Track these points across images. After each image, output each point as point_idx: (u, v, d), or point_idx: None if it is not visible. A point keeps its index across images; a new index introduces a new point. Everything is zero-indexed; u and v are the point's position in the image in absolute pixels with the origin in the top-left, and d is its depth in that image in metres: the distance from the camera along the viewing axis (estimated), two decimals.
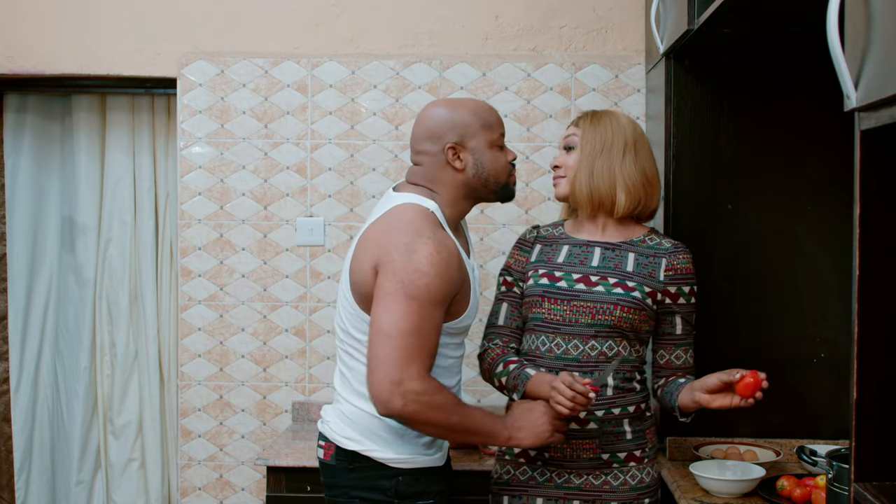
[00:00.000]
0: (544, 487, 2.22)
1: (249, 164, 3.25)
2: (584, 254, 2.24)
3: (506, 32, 3.23)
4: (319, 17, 3.25)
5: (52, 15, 3.27)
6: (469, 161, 2.12)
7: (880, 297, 1.45)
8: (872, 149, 1.44)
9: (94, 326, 3.53)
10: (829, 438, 2.66)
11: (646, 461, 2.23)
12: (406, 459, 2.09)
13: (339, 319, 2.15)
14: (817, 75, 2.52)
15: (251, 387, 3.28)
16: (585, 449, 2.18)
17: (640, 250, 2.23)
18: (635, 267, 2.20)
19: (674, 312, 2.23)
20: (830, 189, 2.67)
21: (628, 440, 2.20)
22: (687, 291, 2.23)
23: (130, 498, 3.51)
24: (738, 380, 2.04)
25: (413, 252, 1.96)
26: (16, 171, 3.49)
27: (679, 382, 2.23)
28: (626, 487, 2.20)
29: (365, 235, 2.09)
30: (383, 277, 1.97)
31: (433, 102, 2.22)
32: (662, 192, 2.74)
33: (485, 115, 2.15)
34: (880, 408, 1.45)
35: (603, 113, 2.27)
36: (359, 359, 2.09)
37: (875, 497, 1.40)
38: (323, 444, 2.15)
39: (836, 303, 2.67)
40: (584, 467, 2.19)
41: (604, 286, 2.17)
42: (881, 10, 1.32)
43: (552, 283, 2.21)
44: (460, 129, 2.11)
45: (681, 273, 2.22)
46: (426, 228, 2.01)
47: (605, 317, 2.15)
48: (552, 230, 2.33)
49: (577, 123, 2.28)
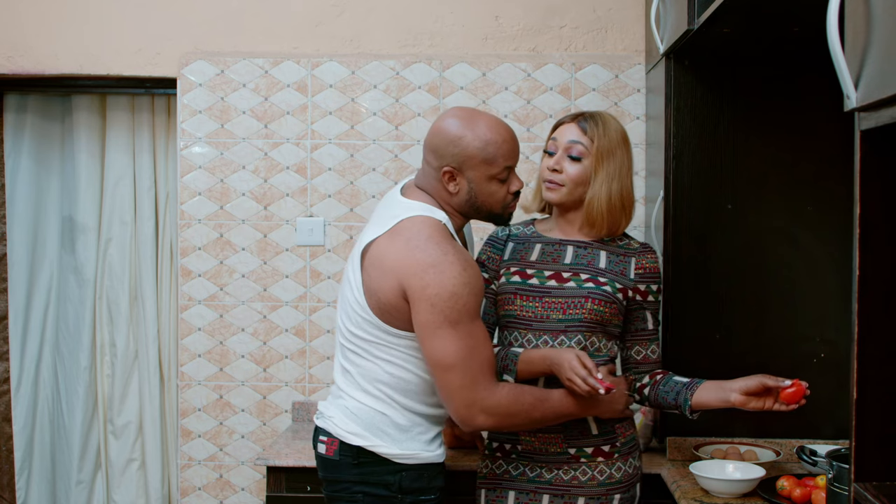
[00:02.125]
0: (517, 481, 2.23)
1: (249, 164, 3.25)
2: (557, 252, 2.25)
3: (506, 32, 3.23)
4: (319, 17, 3.25)
5: (51, 15, 3.27)
6: (463, 187, 2.11)
7: (880, 297, 1.45)
8: (872, 149, 1.43)
9: (94, 326, 3.53)
10: (829, 438, 2.67)
11: (616, 456, 2.21)
12: (410, 455, 2.11)
13: (345, 320, 2.16)
14: (817, 75, 2.53)
15: (251, 387, 3.28)
16: (552, 443, 2.20)
17: (612, 249, 2.25)
18: (608, 264, 2.22)
19: (644, 308, 2.26)
20: (830, 189, 2.67)
21: (594, 435, 2.20)
22: (655, 290, 2.27)
23: (130, 498, 3.51)
24: (785, 387, 2.08)
25: (443, 274, 1.98)
26: (16, 171, 3.49)
27: (680, 381, 2.23)
28: (594, 483, 2.19)
29: (379, 251, 2.07)
30: (422, 309, 2.00)
31: (454, 111, 2.15)
32: (662, 192, 2.75)
33: (491, 151, 2.07)
34: (880, 408, 1.45)
35: (606, 121, 2.21)
36: (367, 358, 2.11)
37: (875, 497, 1.40)
38: (325, 440, 2.16)
39: (836, 303, 2.68)
40: (553, 462, 2.21)
41: (575, 281, 2.19)
42: (881, 10, 1.32)
43: (524, 281, 2.22)
44: (461, 158, 2.08)
45: (649, 272, 2.25)
46: (445, 244, 2.03)
47: (575, 311, 2.17)
48: (523, 229, 2.33)
49: (584, 129, 2.19)
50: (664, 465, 2.63)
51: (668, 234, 2.72)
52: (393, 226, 2.08)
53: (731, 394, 2.11)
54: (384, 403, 2.12)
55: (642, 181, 3.15)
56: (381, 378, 2.11)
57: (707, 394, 2.15)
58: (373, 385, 2.12)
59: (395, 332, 2.08)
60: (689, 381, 2.21)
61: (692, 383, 2.20)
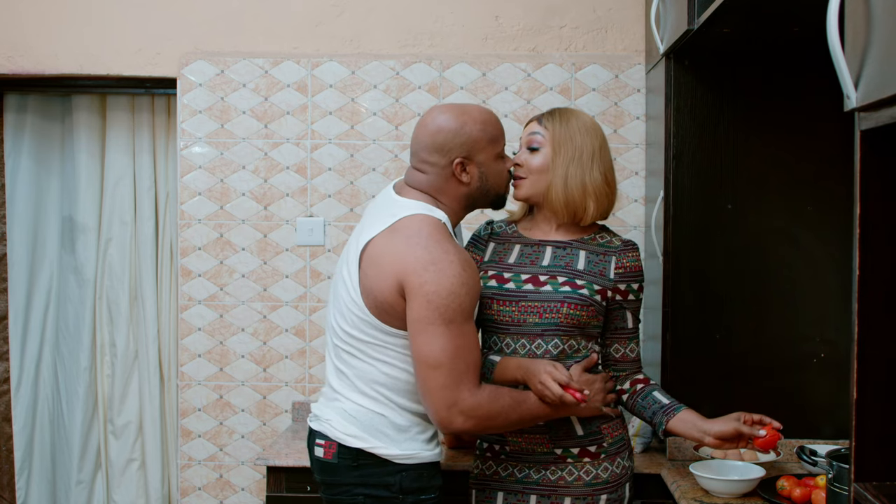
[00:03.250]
0: (506, 482, 2.23)
1: (249, 164, 3.25)
2: (536, 253, 2.24)
3: (506, 32, 3.23)
4: (319, 17, 3.25)
5: (52, 15, 3.27)
6: (475, 174, 2.14)
7: (880, 297, 1.45)
8: (872, 149, 1.44)
9: (94, 326, 3.53)
10: (829, 438, 2.67)
11: (602, 457, 2.21)
12: (409, 455, 2.11)
13: (339, 320, 2.15)
14: (817, 75, 2.53)
15: (251, 387, 3.28)
16: (539, 443, 2.20)
17: (591, 248, 2.23)
18: (586, 265, 2.21)
19: (623, 308, 2.25)
20: (830, 189, 2.67)
21: (579, 436, 2.20)
22: (636, 288, 2.25)
23: (130, 498, 3.51)
24: (759, 436, 2.12)
25: (442, 273, 1.98)
26: (16, 171, 3.49)
27: (659, 401, 2.23)
28: (581, 483, 2.19)
29: (377, 248, 2.07)
30: (417, 305, 1.99)
31: (439, 109, 2.17)
32: (662, 192, 2.75)
33: (491, 129, 2.14)
34: (880, 408, 1.45)
35: (569, 113, 2.23)
36: (363, 359, 2.10)
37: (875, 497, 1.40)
38: (322, 443, 2.15)
39: (836, 303, 2.68)
40: (540, 462, 2.20)
41: (552, 285, 2.18)
42: (881, 10, 1.32)
43: (500, 286, 2.21)
44: (469, 145, 2.11)
45: (630, 271, 2.23)
46: (446, 243, 2.03)
47: (552, 315, 2.15)
48: (505, 227, 2.33)
49: (542, 122, 2.23)
50: (664, 465, 2.63)
51: (668, 234, 2.72)
52: (391, 224, 2.07)
53: (705, 436, 2.16)
54: (382, 405, 2.11)
55: (642, 181, 3.15)
56: (377, 379, 2.10)
57: (683, 426, 2.18)
58: (369, 386, 2.11)
59: (392, 332, 2.07)
60: (668, 405, 2.21)
61: (670, 408, 2.20)
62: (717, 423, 2.15)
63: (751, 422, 2.15)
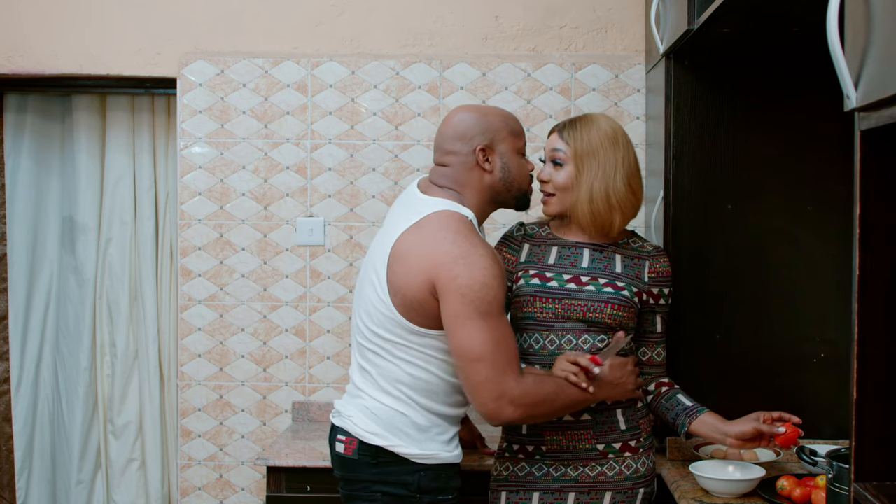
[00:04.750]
0: (542, 482, 2.24)
1: (249, 164, 3.25)
2: (574, 255, 2.27)
3: (506, 32, 3.23)
4: (319, 17, 3.25)
5: (52, 15, 3.27)
6: (497, 164, 2.17)
7: (880, 297, 1.45)
8: (872, 149, 1.43)
9: (94, 326, 3.53)
10: (829, 438, 2.66)
11: (641, 451, 2.27)
12: (429, 455, 2.12)
13: (365, 319, 2.15)
14: (817, 75, 2.53)
15: (251, 387, 3.28)
16: (582, 440, 2.22)
17: (626, 252, 2.29)
18: (623, 268, 2.26)
19: (655, 312, 2.31)
20: (830, 189, 2.67)
21: (622, 430, 2.25)
22: (667, 293, 2.31)
23: (130, 498, 3.51)
24: (780, 434, 2.19)
25: (473, 266, 2.00)
26: (16, 171, 3.49)
27: (682, 403, 2.29)
28: (622, 477, 2.23)
29: (405, 246, 2.07)
30: (452, 300, 2.00)
31: (462, 107, 2.26)
32: (662, 192, 2.75)
33: (512, 124, 2.21)
34: (880, 408, 1.45)
35: (590, 123, 2.23)
36: (387, 358, 2.12)
37: (875, 497, 1.40)
38: (343, 439, 2.16)
39: (836, 303, 2.68)
40: (580, 459, 2.23)
41: (594, 286, 2.22)
42: (881, 10, 1.32)
43: (543, 283, 2.24)
44: (491, 133, 2.16)
45: (662, 276, 2.30)
46: (473, 237, 2.06)
47: (595, 314, 2.20)
48: (538, 229, 2.35)
49: (563, 136, 2.24)
50: (664, 465, 2.63)
51: (668, 234, 2.72)
52: (417, 220, 2.08)
53: (726, 438, 2.23)
54: (404, 404, 2.12)
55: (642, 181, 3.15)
56: (401, 379, 2.12)
57: (705, 428, 2.26)
58: (392, 385, 2.13)
59: (419, 331, 2.08)
60: (691, 407, 2.28)
61: (693, 410, 2.27)
62: (736, 424, 2.23)
63: (770, 420, 2.22)
